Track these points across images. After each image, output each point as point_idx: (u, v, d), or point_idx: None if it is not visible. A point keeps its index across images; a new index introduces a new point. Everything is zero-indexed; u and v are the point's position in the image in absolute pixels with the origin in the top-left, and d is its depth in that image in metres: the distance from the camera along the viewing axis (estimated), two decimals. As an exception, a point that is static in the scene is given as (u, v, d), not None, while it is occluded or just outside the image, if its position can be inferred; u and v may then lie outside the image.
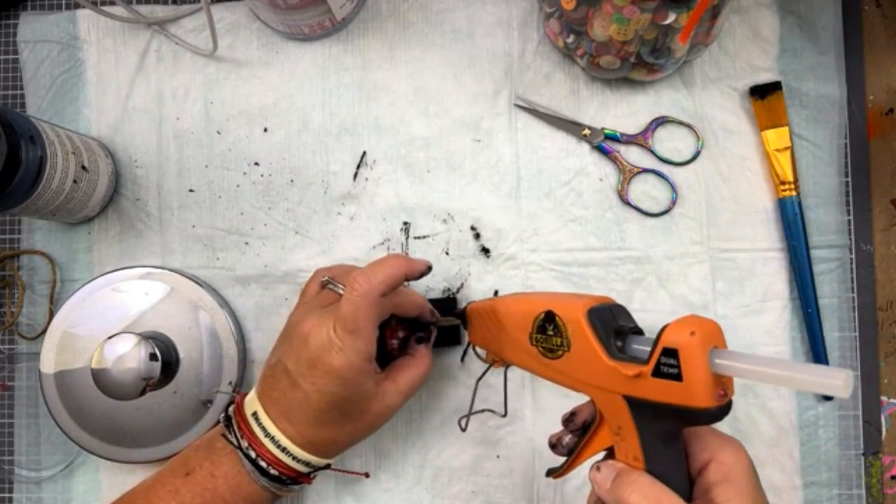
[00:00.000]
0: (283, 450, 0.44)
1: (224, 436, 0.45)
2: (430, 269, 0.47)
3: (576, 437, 0.40)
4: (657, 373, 0.32)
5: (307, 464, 0.45)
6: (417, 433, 0.54)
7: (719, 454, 0.35)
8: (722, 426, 0.52)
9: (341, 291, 0.46)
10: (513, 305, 0.42)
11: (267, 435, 0.44)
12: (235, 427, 0.45)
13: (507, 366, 0.45)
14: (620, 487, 0.34)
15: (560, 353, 0.37)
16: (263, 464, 0.44)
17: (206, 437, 0.47)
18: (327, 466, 0.47)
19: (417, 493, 0.54)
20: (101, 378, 0.46)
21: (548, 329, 0.38)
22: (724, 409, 0.32)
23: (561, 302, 0.38)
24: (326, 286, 0.48)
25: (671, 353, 0.32)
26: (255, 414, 0.45)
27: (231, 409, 0.47)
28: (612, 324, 0.36)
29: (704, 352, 0.31)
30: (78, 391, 0.52)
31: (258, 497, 0.45)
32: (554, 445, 0.41)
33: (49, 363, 0.52)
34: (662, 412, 0.33)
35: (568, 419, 0.40)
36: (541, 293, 0.45)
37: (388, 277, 0.43)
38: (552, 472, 0.41)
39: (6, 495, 0.55)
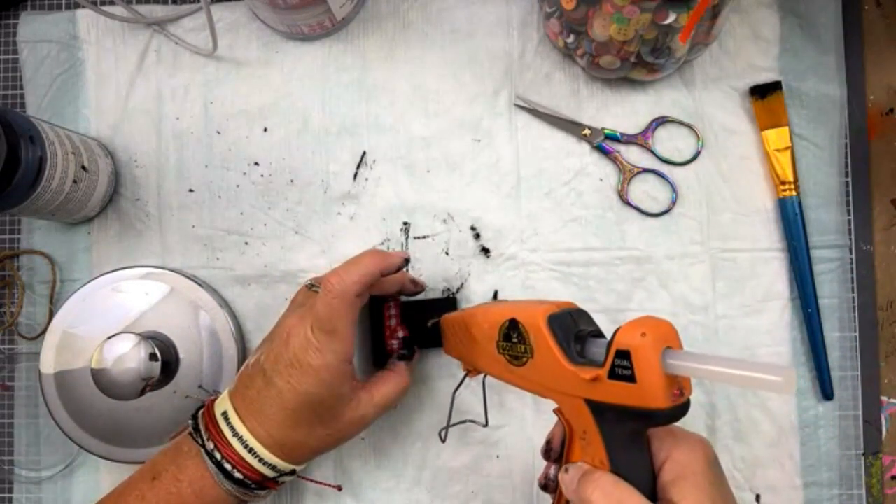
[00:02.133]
0: (250, 450, 0.44)
1: (190, 434, 0.45)
2: (407, 261, 0.47)
3: (559, 465, 0.39)
4: (612, 375, 0.32)
5: (273, 467, 0.44)
6: (417, 433, 0.54)
7: (674, 453, 0.35)
8: (722, 426, 0.53)
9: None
10: (480, 315, 0.42)
11: (235, 434, 0.44)
12: (202, 428, 0.45)
13: (483, 375, 0.45)
14: (584, 486, 0.34)
15: (524, 360, 0.38)
16: (228, 466, 0.43)
17: (175, 441, 0.46)
18: (293, 473, 0.46)
19: (417, 493, 0.54)
20: (100, 378, 0.46)
21: (512, 337, 0.38)
22: (680, 409, 0.32)
23: (523, 309, 0.38)
24: (311, 289, 0.48)
25: (624, 354, 0.32)
26: (224, 413, 0.45)
27: (200, 410, 0.47)
28: (573, 329, 0.36)
29: (656, 353, 0.31)
30: (78, 391, 0.52)
31: (223, 502, 0.44)
32: (545, 486, 0.40)
33: (49, 363, 0.52)
34: (621, 414, 0.33)
35: (546, 450, 0.40)
36: (507, 302, 0.45)
37: (362, 277, 0.43)
38: None
39: (6, 495, 0.55)
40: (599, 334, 0.37)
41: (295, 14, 0.51)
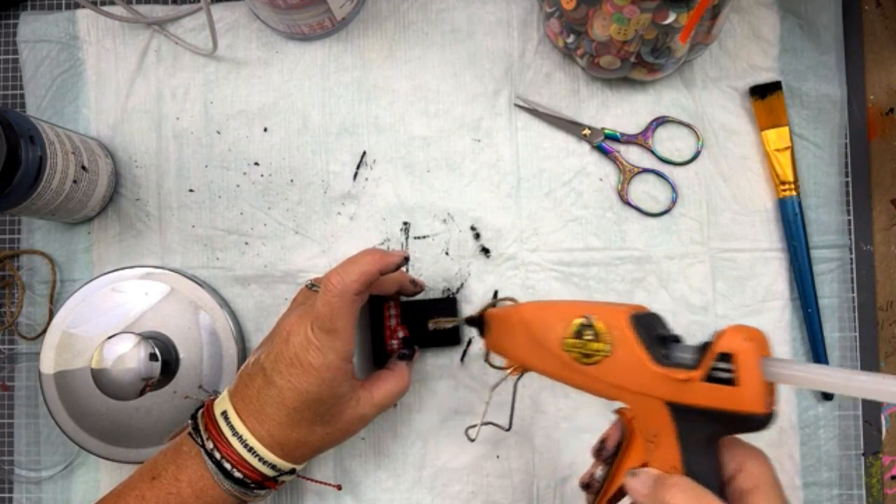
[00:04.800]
0: (250, 450, 0.44)
1: (190, 434, 0.45)
2: (407, 259, 0.47)
3: (608, 465, 0.39)
4: (709, 378, 0.33)
5: (273, 466, 0.44)
6: (417, 433, 0.54)
7: (747, 464, 0.35)
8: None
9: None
10: (543, 311, 0.41)
11: (235, 434, 0.44)
12: (202, 428, 0.45)
13: (524, 373, 0.44)
14: (662, 490, 0.33)
15: (598, 358, 0.37)
16: (228, 466, 0.43)
17: (174, 441, 0.46)
18: (293, 472, 0.46)
19: (417, 493, 0.54)
20: (100, 378, 0.46)
21: (585, 335, 0.38)
22: (771, 417, 0.33)
23: (600, 308, 0.38)
24: (311, 289, 0.48)
25: (726, 357, 0.32)
26: (224, 413, 0.45)
27: (200, 410, 0.46)
28: (653, 331, 0.37)
29: (759, 358, 0.32)
30: (78, 391, 0.52)
31: (222, 502, 0.44)
32: (588, 485, 0.39)
33: (49, 363, 0.52)
34: (709, 418, 0.33)
35: (599, 449, 0.39)
36: (570, 301, 0.44)
37: (361, 276, 0.43)
38: None
39: (6, 495, 0.55)
40: (678, 338, 0.37)
41: (295, 14, 0.51)
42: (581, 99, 0.55)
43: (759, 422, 0.32)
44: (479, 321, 0.46)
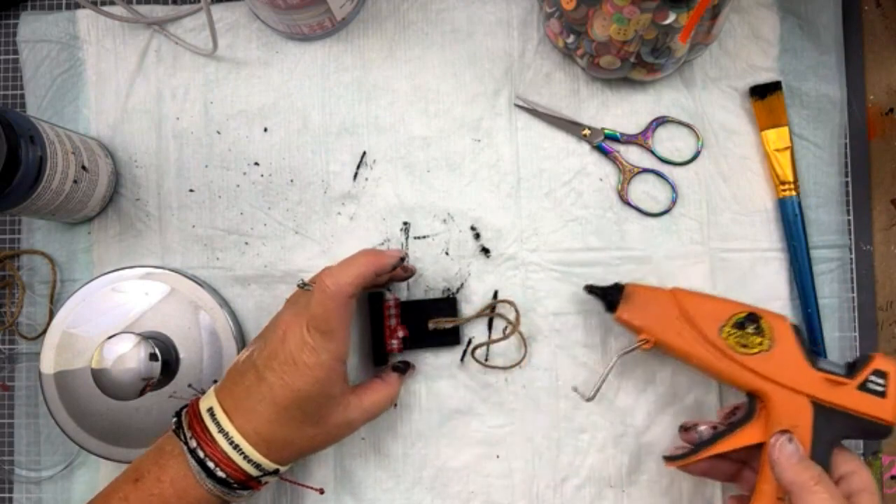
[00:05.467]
0: (235, 447, 0.43)
1: (174, 432, 0.45)
2: (403, 259, 0.47)
3: (715, 430, 0.46)
4: (863, 387, 0.41)
5: (257, 466, 0.44)
6: (417, 433, 0.54)
7: (858, 470, 0.41)
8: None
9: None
10: (703, 299, 0.47)
11: (220, 430, 0.43)
12: (186, 426, 0.44)
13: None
14: (805, 468, 0.39)
15: (755, 350, 0.44)
16: (211, 464, 0.43)
17: (158, 441, 0.46)
18: (276, 472, 0.46)
19: (417, 493, 0.54)
20: (100, 378, 0.46)
21: (747, 327, 0.44)
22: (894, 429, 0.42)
23: (761, 310, 0.45)
24: (303, 287, 0.48)
25: (881, 374, 0.41)
26: (210, 409, 0.44)
27: (184, 409, 0.46)
28: (804, 340, 0.44)
29: None
30: (78, 391, 0.52)
31: (205, 502, 0.44)
32: (687, 429, 0.45)
33: (49, 363, 0.52)
34: (848, 421, 0.41)
35: (731, 413, 0.46)
36: (727, 298, 0.48)
37: (356, 278, 0.44)
38: (673, 459, 0.46)
39: (6, 495, 0.55)
40: (818, 351, 0.46)
41: (295, 14, 0.51)
42: (581, 99, 0.55)
43: (888, 431, 0.41)
44: (613, 293, 0.49)
